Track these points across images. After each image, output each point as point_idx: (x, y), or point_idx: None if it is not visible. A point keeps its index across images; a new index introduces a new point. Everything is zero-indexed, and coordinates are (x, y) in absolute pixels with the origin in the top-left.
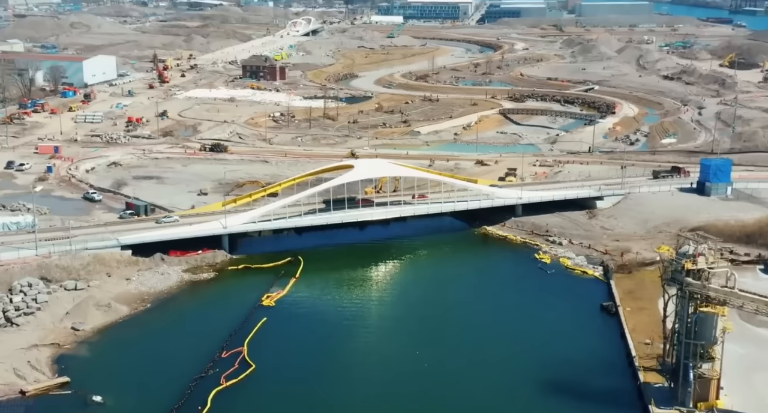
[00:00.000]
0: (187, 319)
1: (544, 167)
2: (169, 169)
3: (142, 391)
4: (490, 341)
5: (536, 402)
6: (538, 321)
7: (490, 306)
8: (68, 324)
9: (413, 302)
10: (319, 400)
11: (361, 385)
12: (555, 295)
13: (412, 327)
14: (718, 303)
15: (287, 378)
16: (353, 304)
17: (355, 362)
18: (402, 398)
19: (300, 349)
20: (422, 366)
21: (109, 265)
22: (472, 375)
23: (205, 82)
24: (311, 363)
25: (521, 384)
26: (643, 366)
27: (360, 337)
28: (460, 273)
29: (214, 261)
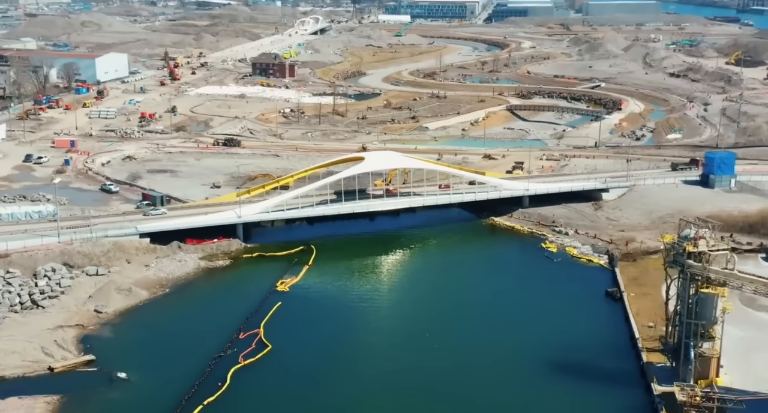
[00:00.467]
0: (205, 303)
1: (550, 161)
2: (183, 163)
3: (164, 369)
4: (497, 324)
5: (543, 381)
6: (544, 306)
7: (498, 292)
8: (91, 307)
9: (422, 287)
10: (331, 378)
11: (372, 365)
12: (561, 282)
13: (422, 310)
14: (718, 284)
15: (302, 358)
16: (364, 289)
17: (367, 343)
18: (412, 376)
19: (313, 331)
20: (432, 347)
21: (129, 252)
22: (481, 355)
23: (216, 79)
24: (324, 345)
25: (528, 364)
26: (646, 347)
27: (371, 320)
28: (468, 261)
29: (229, 249)
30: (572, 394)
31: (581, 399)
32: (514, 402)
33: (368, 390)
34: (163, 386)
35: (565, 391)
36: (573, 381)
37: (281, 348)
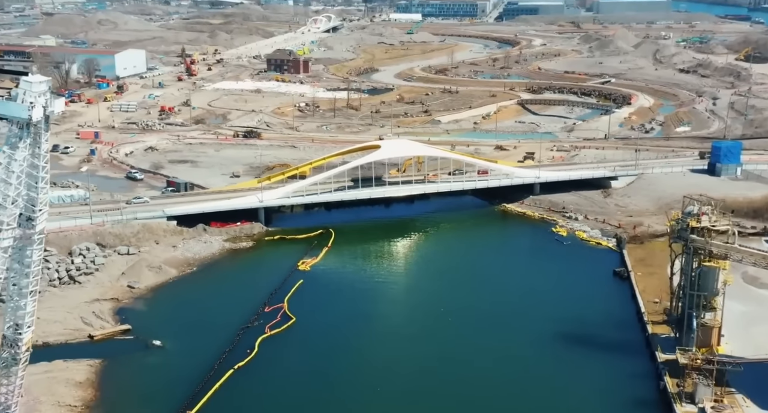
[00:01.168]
0: (231, 280)
1: (560, 152)
2: (203, 153)
3: (195, 338)
4: (509, 300)
5: (555, 351)
6: (555, 284)
7: (509, 272)
8: (124, 283)
9: (436, 267)
10: (351, 347)
11: (389, 337)
12: (571, 262)
13: (437, 288)
14: (719, 257)
15: (323, 330)
16: (381, 269)
17: (384, 317)
18: (426, 346)
19: (334, 306)
20: (446, 321)
21: (157, 233)
22: (493, 328)
23: (231, 75)
24: (344, 318)
25: (539, 336)
26: (652, 320)
27: (388, 296)
28: (480, 244)
29: (251, 232)
30: (583, 362)
31: (591, 367)
32: (528, 369)
33: (385, 357)
34: (196, 352)
35: (576, 360)
36: (583, 351)
37: (304, 320)
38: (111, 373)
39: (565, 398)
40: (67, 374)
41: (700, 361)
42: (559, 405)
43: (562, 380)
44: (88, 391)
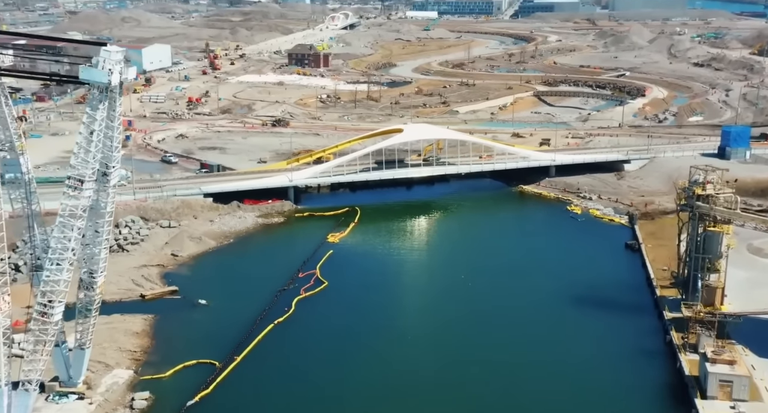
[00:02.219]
0: (266, 250)
1: (575, 139)
2: (230, 141)
3: (237, 298)
4: (526, 270)
5: (569, 311)
6: (570, 255)
7: (526, 244)
8: (168, 252)
9: (456, 239)
10: (378, 308)
11: (414, 298)
12: (584, 236)
13: (457, 258)
14: (723, 222)
15: (353, 293)
16: (405, 241)
17: (408, 282)
18: (445, 306)
19: (362, 273)
20: (467, 285)
21: (195, 209)
22: (511, 291)
23: (254, 69)
24: (372, 282)
25: (555, 298)
26: (660, 284)
27: (412, 264)
28: (499, 220)
29: (282, 209)
30: (596, 320)
31: (604, 324)
32: (547, 329)
33: (410, 314)
34: (238, 310)
35: (589, 319)
36: (596, 311)
37: (336, 284)
38: (163, 326)
39: (581, 350)
40: (125, 325)
41: (703, 314)
42: (575, 356)
43: (577, 335)
44: (145, 340)
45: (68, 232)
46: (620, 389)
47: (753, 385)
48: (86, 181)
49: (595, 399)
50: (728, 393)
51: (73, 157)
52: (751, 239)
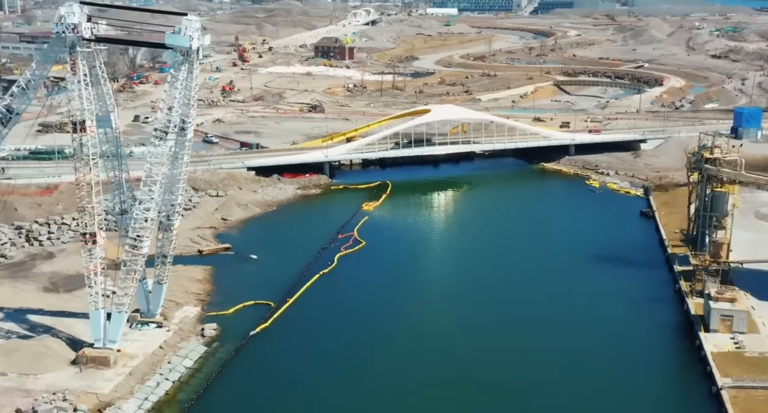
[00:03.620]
0: (307, 216)
1: (594, 123)
2: (264, 125)
3: (284, 254)
4: (547, 234)
5: (588, 269)
6: (587, 222)
7: (547, 212)
8: (218, 216)
9: (481, 209)
10: (411, 264)
11: (443, 256)
12: (602, 206)
13: (482, 224)
14: (729, 183)
15: (389, 251)
16: (434, 209)
17: (437, 243)
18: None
19: (395, 235)
20: (492, 246)
21: (239, 180)
22: (533, 251)
23: (282, 61)
24: (405, 243)
25: (575, 259)
26: (672, 244)
27: (440, 228)
28: (521, 192)
29: (318, 183)
30: (612, 275)
31: (620, 278)
32: (568, 282)
33: (440, 269)
34: (286, 264)
35: (607, 274)
36: (614, 268)
37: (372, 244)
38: (221, 275)
39: (600, 299)
40: (188, 274)
41: (709, 262)
42: (595, 304)
43: (596, 286)
44: (206, 285)
45: (154, 176)
46: (636, 328)
47: (751, 320)
48: (169, 132)
49: (614, 336)
50: (728, 326)
51: (159, 112)
52: (758, 207)
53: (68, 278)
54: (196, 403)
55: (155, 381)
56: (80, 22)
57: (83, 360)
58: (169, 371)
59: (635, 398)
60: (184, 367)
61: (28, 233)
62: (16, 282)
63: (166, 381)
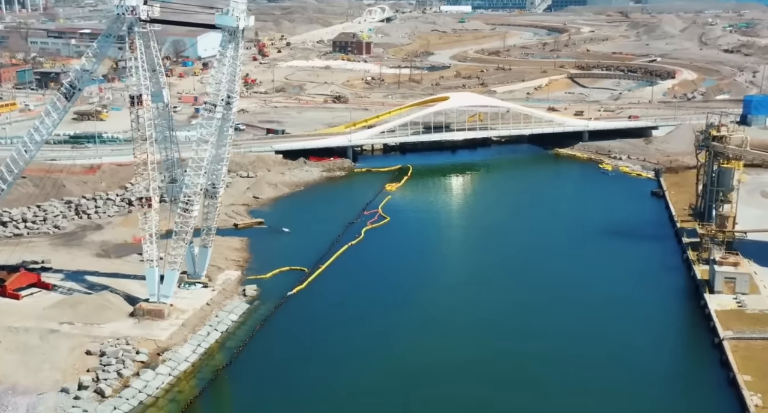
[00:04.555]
0: (333, 195)
1: (607, 112)
2: (287, 115)
3: (314, 228)
4: (561, 212)
5: (601, 243)
6: (601, 201)
7: (561, 193)
8: (250, 195)
9: (499, 189)
10: (433, 236)
11: (462, 232)
12: (614, 186)
13: (499, 204)
14: (735, 159)
15: (412, 225)
16: (453, 190)
17: (458, 220)
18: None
19: (418, 212)
20: (510, 222)
21: (268, 163)
22: (549, 227)
23: (300, 55)
24: (427, 219)
25: (589, 234)
26: (681, 219)
27: (460, 208)
28: (536, 175)
29: (343, 166)
30: (625, 247)
31: (632, 250)
32: (583, 254)
33: (461, 239)
34: (316, 236)
35: (620, 247)
36: (626, 241)
37: (396, 220)
38: (256, 245)
39: (613, 267)
40: (227, 243)
41: (714, 231)
42: (608, 272)
43: (609, 257)
44: (244, 253)
45: (203, 145)
46: (647, 291)
47: (753, 283)
48: (217, 105)
49: (627, 299)
50: (732, 287)
51: (209, 87)
52: (764, 187)
53: (117, 246)
54: (242, 350)
55: (205, 331)
56: (137, 4)
57: (140, 312)
58: (217, 323)
59: (647, 349)
60: (230, 320)
61: (77, 207)
62: (71, 249)
63: (215, 332)
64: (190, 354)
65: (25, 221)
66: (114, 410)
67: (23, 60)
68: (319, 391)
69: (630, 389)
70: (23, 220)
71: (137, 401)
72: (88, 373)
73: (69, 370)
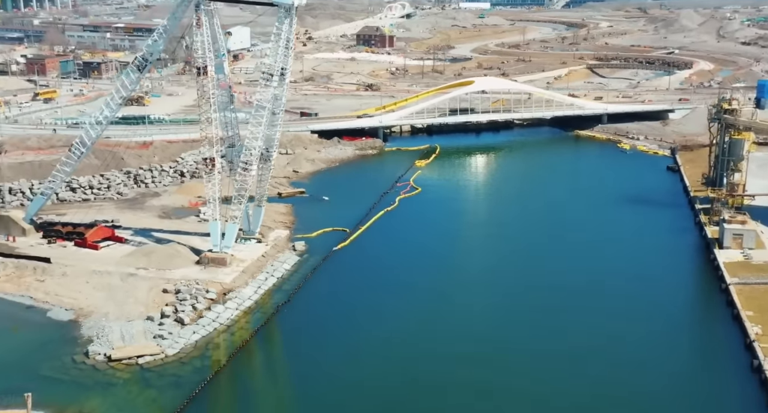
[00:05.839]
0: (367, 170)
1: (625, 99)
2: (316, 102)
3: (351, 197)
4: (583, 185)
5: (621, 210)
6: (619, 175)
7: (582, 169)
8: (290, 169)
9: (522, 166)
10: (462, 205)
11: (490, 201)
12: (632, 163)
13: (523, 177)
14: (745, 130)
15: (442, 195)
16: (479, 166)
17: (485, 190)
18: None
19: (447, 184)
20: (535, 193)
21: (304, 141)
22: (572, 199)
23: (326, 48)
24: (456, 190)
25: (609, 202)
26: (694, 189)
27: (487, 180)
28: (557, 155)
29: (374, 145)
30: (643, 213)
31: (649, 215)
32: (602, 217)
33: (484, 209)
34: (353, 203)
35: (637, 211)
36: (643, 208)
37: (427, 190)
38: (300, 210)
39: (632, 230)
40: (273, 208)
41: (725, 195)
42: (628, 233)
43: (627, 221)
44: (290, 217)
45: (261, 111)
46: (662, 249)
47: (759, 239)
48: (274, 75)
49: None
50: (739, 243)
51: (267, 58)
52: None
53: (175, 209)
54: (297, 292)
55: (264, 276)
56: None
57: (205, 260)
58: (273, 271)
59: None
60: (283, 269)
61: (135, 177)
62: (135, 212)
63: (271, 277)
64: (252, 294)
65: (92, 188)
66: (193, 334)
67: (63, 52)
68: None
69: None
70: (90, 187)
71: (212, 328)
72: (167, 306)
73: (150, 304)
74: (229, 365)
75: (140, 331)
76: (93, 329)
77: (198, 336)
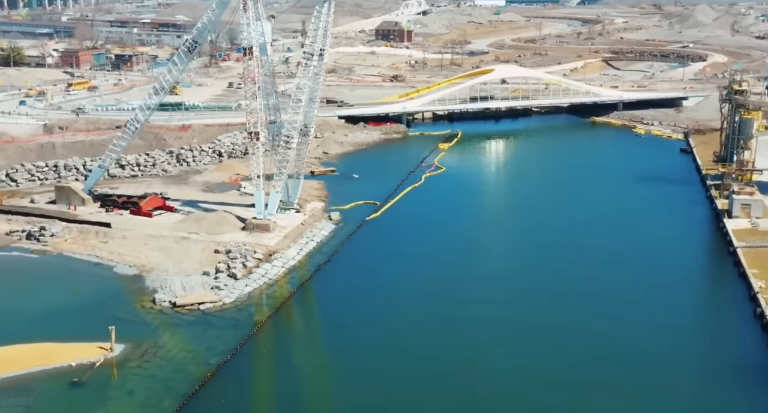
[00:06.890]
0: (393, 151)
1: (640, 87)
2: (339, 92)
3: (379, 174)
4: (600, 166)
5: (637, 187)
6: (634, 157)
7: (599, 151)
8: (320, 151)
9: (541, 150)
10: (485, 182)
11: (510, 181)
12: (647, 146)
13: (543, 158)
14: (754, 110)
15: (465, 173)
16: (499, 149)
17: (506, 170)
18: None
19: (470, 164)
20: (554, 172)
21: (332, 126)
22: (589, 177)
23: (345, 43)
24: (480, 170)
25: (623, 178)
26: (706, 167)
27: (507, 162)
28: (575, 139)
29: (398, 130)
30: (657, 189)
31: (663, 190)
32: (619, 192)
33: (506, 189)
34: (382, 180)
35: (652, 187)
36: (657, 184)
37: (450, 169)
38: (332, 186)
39: (646, 204)
40: (308, 184)
41: (734, 169)
42: (643, 207)
43: (643, 197)
44: (323, 192)
45: (302, 88)
46: (676, 219)
47: (766, 209)
48: (314, 55)
49: (658, 225)
50: (747, 212)
51: (307, 39)
52: None
53: (217, 184)
54: (336, 253)
55: (304, 241)
56: None
57: (251, 226)
58: (312, 236)
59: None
60: (322, 235)
61: (177, 156)
62: (180, 186)
63: (311, 241)
64: (296, 255)
65: (139, 166)
66: (246, 286)
67: (93, 47)
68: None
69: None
70: (137, 164)
71: (262, 282)
72: (220, 263)
73: (204, 262)
74: (278, 312)
75: (198, 283)
76: (156, 281)
77: (250, 289)
